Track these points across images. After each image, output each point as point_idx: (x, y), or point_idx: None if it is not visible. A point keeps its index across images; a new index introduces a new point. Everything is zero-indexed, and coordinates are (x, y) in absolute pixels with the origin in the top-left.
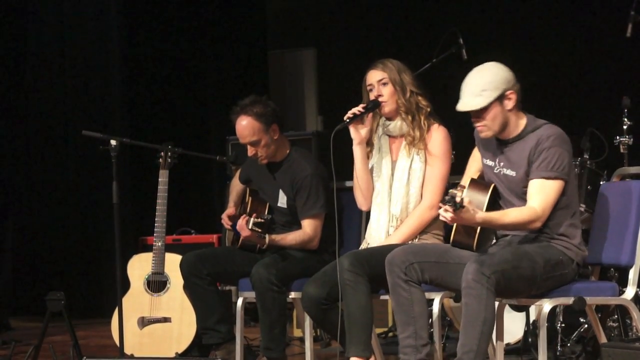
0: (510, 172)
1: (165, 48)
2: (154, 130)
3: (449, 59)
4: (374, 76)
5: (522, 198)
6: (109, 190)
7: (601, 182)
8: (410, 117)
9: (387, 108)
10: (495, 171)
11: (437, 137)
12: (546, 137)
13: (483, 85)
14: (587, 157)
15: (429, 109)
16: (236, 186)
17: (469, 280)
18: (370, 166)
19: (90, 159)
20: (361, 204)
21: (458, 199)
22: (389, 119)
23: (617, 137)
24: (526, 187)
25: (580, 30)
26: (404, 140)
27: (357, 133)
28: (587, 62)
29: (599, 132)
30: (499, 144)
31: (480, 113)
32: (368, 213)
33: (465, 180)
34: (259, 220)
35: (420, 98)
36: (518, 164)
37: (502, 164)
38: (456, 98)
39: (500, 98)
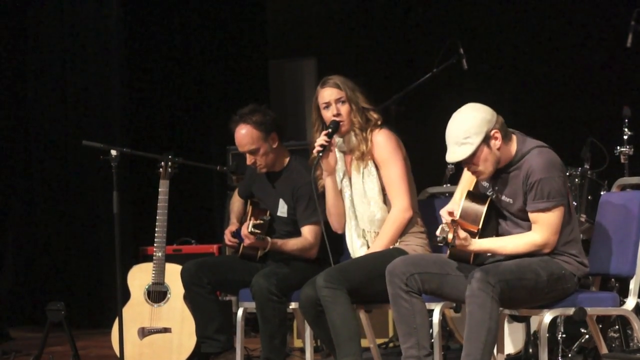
0: (507, 199)
1: (165, 58)
2: (154, 140)
3: (450, 69)
4: (331, 94)
5: (520, 217)
6: (110, 200)
7: (602, 192)
8: (363, 133)
9: (345, 127)
10: (488, 193)
11: (379, 141)
12: (534, 169)
13: (465, 132)
14: (588, 167)
15: (379, 122)
16: (236, 202)
17: (474, 288)
18: (340, 189)
19: (91, 169)
20: (337, 228)
21: (450, 238)
22: (341, 136)
23: (618, 147)
24: (523, 212)
25: (581, 40)
26: (353, 156)
27: (328, 163)
28: (587, 72)
29: (600, 142)
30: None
31: (470, 160)
32: None
33: (457, 192)
34: (258, 222)
35: (371, 112)
36: (514, 192)
37: (497, 188)
38: (456, 108)
39: (486, 140)
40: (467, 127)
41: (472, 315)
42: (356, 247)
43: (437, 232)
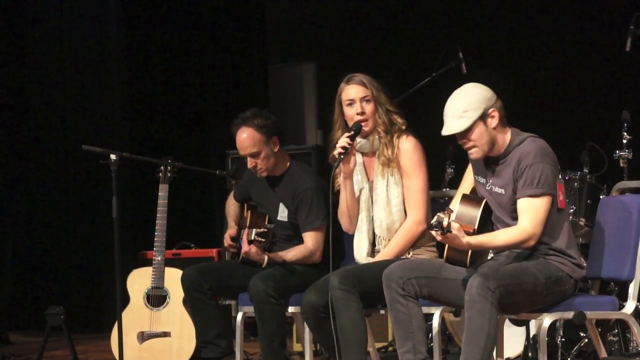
0: (499, 190)
1: (165, 62)
2: (153, 144)
3: (449, 73)
4: (356, 92)
5: (512, 216)
6: (109, 205)
7: (601, 196)
8: (388, 136)
9: (368, 127)
10: (487, 188)
11: (406, 149)
12: (527, 154)
13: (464, 106)
14: (587, 171)
15: (404, 127)
16: (232, 206)
17: (473, 294)
18: (357, 194)
19: (90, 173)
20: (348, 229)
21: (445, 224)
22: (363, 136)
23: (617, 151)
24: (515, 203)
25: (580, 44)
26: (376, 159)
27: (347, 166)
28: (586, 76)
29: (599, 146)
30: (489, 162)
31: (465, 134)
32: None
33: (457, 197)
34: (262, 230)
35: (395, 116)
36: (506, 182)
37: (491, 181)
38: None
39: (483, 117)
40: (467, 102)
41: (471, 321)
42: (362, 255)
43: (432, 220)
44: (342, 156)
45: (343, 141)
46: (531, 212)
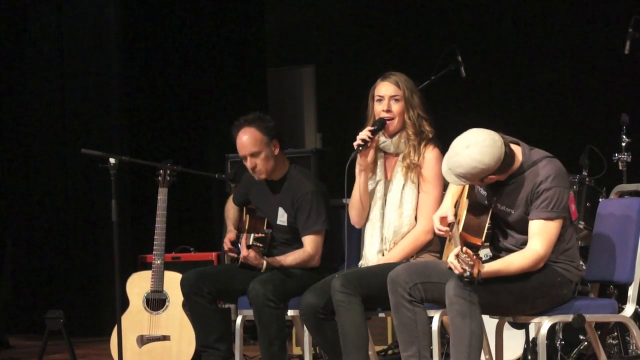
0: (506, 209)
1: (164, 66)
2: (153, 148)
3: (448, 76)
4: (388, 90)
5: (520, 232)
6: (108, 208)
7: (600, 199)
8: (417, 139)
9: (394, 127)
10: (486, 202)
11: (430, 159)
12: (545, 177)
13: (464, 173)
14: (586, 174)
15: (431, 135)
16: (231, 209)
17: (450, 296)
18: (370, 189)
19: (90, 177)
20: (356, 222)
21: (475, 272)
22: (390, 135)
23: (616, 154)
24: (524, 223)
25: (579, 47)
26: (399, 160)
27: (364, 159)
28: (585, 79)
29: (598, 149)
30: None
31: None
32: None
33: (447, 196)
34: (260, 235)
35: (425, 122)
36: (516, 203)
37: (495, 198)
38: (455, 115)
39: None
40: (466, 171)
41: (453, 322)
42: (371, 251)
43: (460, 273)
44: (360, 148)
45: (363, 134)
46: (543, 234)
